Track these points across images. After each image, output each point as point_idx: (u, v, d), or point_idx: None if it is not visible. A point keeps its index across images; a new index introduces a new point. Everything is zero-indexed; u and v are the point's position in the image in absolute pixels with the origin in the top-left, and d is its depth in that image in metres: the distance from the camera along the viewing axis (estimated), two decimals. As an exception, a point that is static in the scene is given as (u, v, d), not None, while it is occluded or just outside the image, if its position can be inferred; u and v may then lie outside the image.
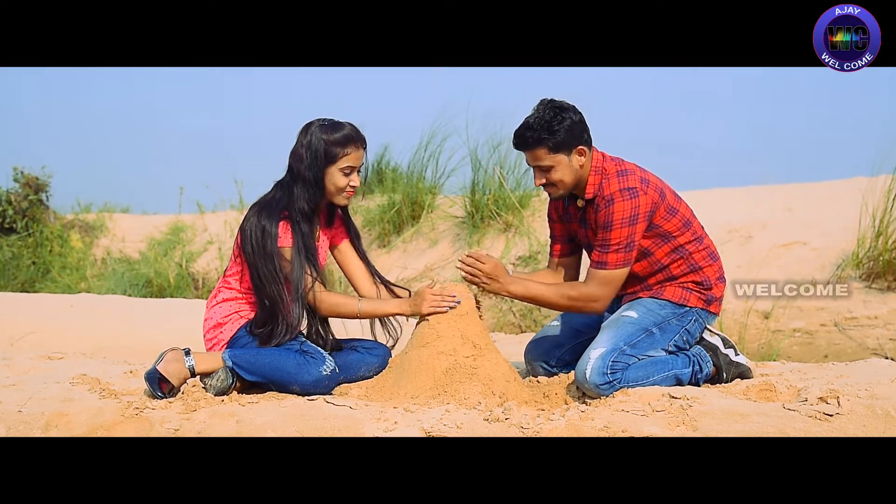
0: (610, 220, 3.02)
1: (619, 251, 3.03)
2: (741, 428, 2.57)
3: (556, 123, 2.99)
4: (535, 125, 3.00)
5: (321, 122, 3.09)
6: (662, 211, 3.08)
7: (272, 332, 3.05)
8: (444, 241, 7.98)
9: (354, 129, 3.10)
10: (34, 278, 9.72)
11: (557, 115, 3.00)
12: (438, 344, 3.00)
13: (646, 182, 3.06)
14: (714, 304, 3.21)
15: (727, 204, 7.72)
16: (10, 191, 10.33)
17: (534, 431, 2.58)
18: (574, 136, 3.03)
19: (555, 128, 2.99)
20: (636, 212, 3.01)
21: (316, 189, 3.06)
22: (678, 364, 3.12)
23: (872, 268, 5.82)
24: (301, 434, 2.62)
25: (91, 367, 3.56)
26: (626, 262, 3.05)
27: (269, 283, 3.02)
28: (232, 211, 10.36)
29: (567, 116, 3.01)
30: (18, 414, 2.79)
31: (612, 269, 3.05)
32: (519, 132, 3.05)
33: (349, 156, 3.07)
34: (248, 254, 3.05)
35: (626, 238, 3.02)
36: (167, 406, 2.85)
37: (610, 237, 3.02)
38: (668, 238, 3.11)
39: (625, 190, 3.02)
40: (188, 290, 8.52)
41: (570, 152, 3.03)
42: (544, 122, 2.99)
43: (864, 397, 2.74)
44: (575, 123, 3.03)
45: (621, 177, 3.06)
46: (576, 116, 3.04)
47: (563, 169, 3.04)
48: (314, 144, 3.04)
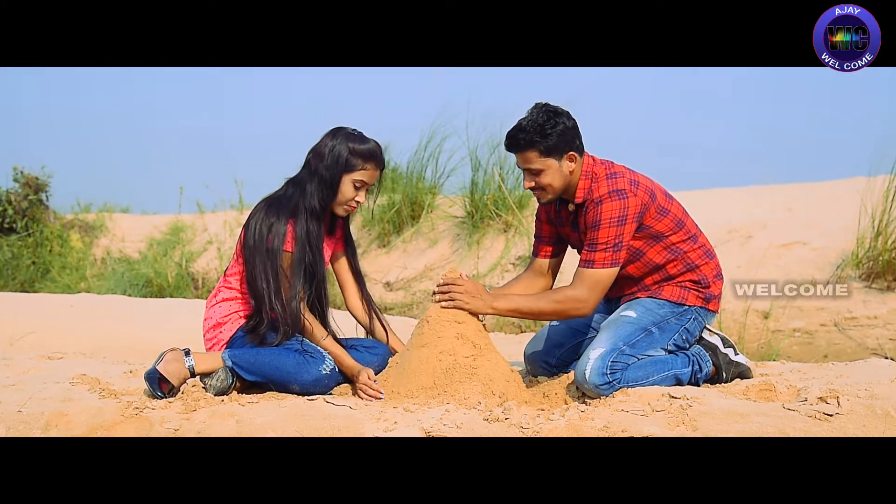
0: (598, 220, 3.01)
1: (607, 250, 3.02)
2: (741, 428, 2.57)
3: (549, 127, 2.99)
4: (527, 127, 3.00)
5: (352, 130, 3.13)
6: (653, 212, 3.08)
7: (256, 327, 3.06)
8: (443, 241, 7.99)
9: (379, 148, 3.14)
10: (34, 278, 9.72)
11: (551, 119, 2.99)
12: (438, 344, 3.00)
13: (635, 184, 3.06)
14: (713, 302, 3.21)
15: (727, 204, 7.72)
16: (10, 191, 10.33)
17: (534, 431, 2.59)
18: (566, 141, 3.02)
19: (547, 132, 2.99)
20: (625, 213, 3.01)
21: (329, 190, 3.07)
22: (678, 364, 3.12)
23: (872, 268, 5.82)
24: (301, 434, 2.62)
25: (91, 367, 3.56)
26: (614, 262, 3.04)
27: (259, 279, 3.01)
28: (232, 211, 10.36)
29: (560, 121, 3.00)
30: (18, 414, 2.79)
31: (598, 269, 3.03)
32: (511, 133, 3.04)
33: (366, 171, 3.09)
34: (247, 248, 3.05)
35: (613, 237, 3.01)
36: (167, 406, 2.85)
37: (598, 236, 3.02)
38: (659, 238, 3.11)
39: (614, 192, 3.02)
40: (188, 290, 8.52)
41: (560, 157, 3.03)
42: (537, 126, 2.99)
43: (864, 397, 2.74)
44: (568, 129, 3.02)
45: (610, 179, 3.05)
46: (569, 122, 3.03)
47: (553, 174, 3.04)
48: (338, 148, 3.06)
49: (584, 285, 3.05)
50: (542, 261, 3.36)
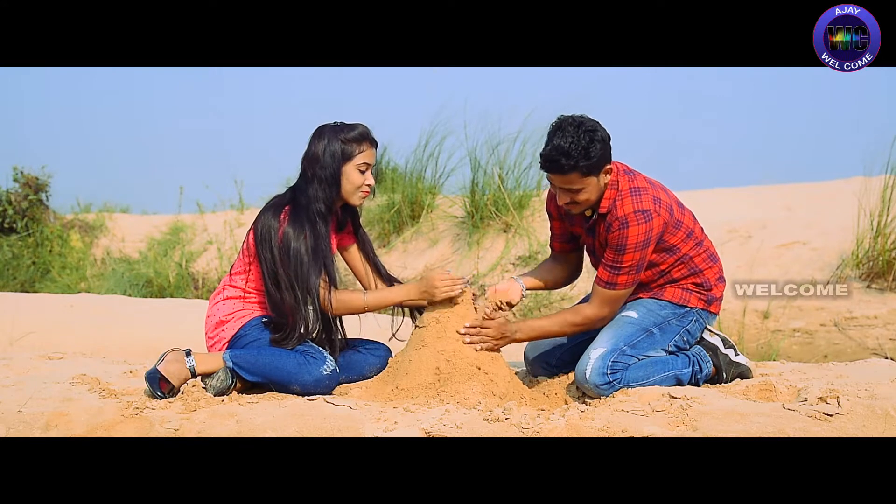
0: (623, 244, 2.99)
1: (630, 273, 3.03)
2: (741, 428, 2.57)
3: (594, 150, 2.91)
4: (571, 152, 2.89)
5: (333, 124, 3.12)
6: (670, 227, 3.08)
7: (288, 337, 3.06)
8: (443, 241, 7.98)
9: (367, 128, 3.14)
10: (34, 278, 9.71)
11: (594, 142, 2.90)
12: (438, 344, 3.01)
13: (658, 202, 3.02)
14: (714, 305, 3.22)
15: (727, 204, 7.73)
16: (10, 191, 10.32)
17: (534, 431, 2.58)
18: (605, 158, 2.97)
19: (591, 154, 2.91)
20: (649, 236, 2.99)
21: (332, 188, 3.08)
22: (678, 364, 3.12)
23: (872, 268, 5.82)
24: (301, 434, 2.62)
25: (91, 367, 3.56)
26: (635, 281, 3.08)
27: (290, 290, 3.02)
28: (232, 211, 10.36)
29: (598, 138, 2.92)
30: (18, 414, 2.79)
31: (620, 290, 3.06)
32: (552, 157, 2.91)
33: (364, 153, 3.10)
34: (266, 259, 3.04)
35: (637, 261, 3.01)
36: (167, 406, 2.85)
37: (623, 260, 3.00)
38: (672, 251, 3.11)
39: (639, 213, 2.97)
40: (188, 290, 8.51)
41: (599, 173, 2.98)
42: (581, 149, 2.89)
43: (864, 397, 2.74)
44: (605, 144, 2.95)
45: (634, 196, 3.00)
46: (605, 135, 2.96)
47: (592, 190, 3.00)
48: (331, 145, 3.07)
49: (605, 304, 3.08)
50: (559, 254, 3.40)
